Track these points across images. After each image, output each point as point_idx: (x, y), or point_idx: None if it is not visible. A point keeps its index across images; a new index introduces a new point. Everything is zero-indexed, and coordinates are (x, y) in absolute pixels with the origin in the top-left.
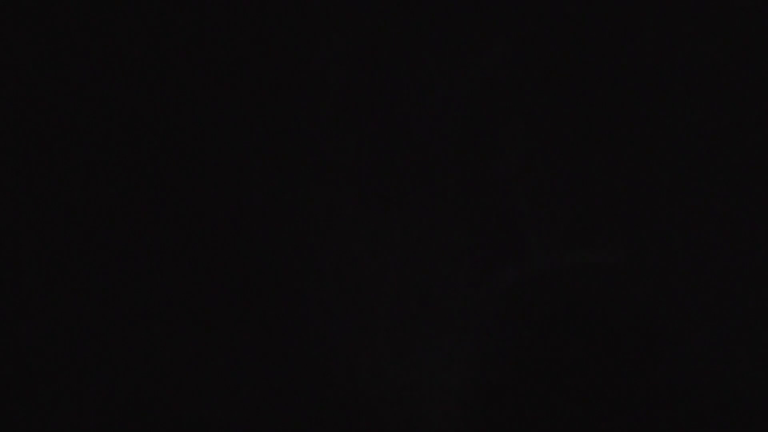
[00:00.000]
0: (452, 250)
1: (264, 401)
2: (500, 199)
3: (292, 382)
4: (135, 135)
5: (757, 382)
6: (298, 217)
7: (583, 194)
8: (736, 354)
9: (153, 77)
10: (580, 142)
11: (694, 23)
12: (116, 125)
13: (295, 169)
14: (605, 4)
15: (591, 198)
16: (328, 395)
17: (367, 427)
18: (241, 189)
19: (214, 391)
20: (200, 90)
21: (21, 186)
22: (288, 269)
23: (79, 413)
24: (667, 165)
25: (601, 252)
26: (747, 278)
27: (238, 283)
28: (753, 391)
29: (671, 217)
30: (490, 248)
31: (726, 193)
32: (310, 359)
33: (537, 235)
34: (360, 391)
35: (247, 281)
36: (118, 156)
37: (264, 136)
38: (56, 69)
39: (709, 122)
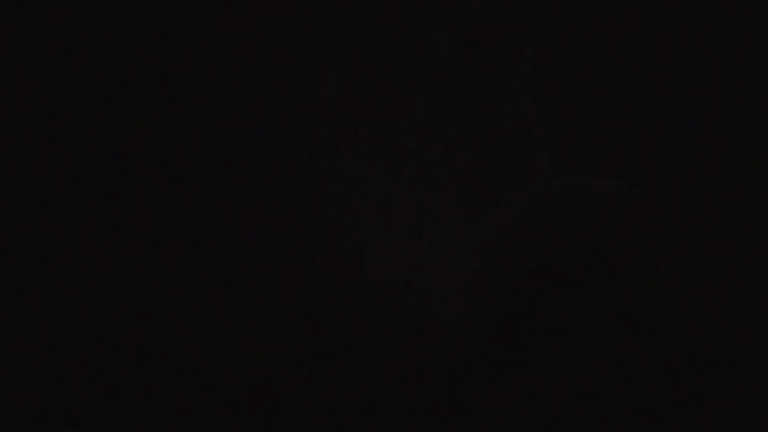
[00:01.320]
0: (460, 173)
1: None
2: (509, 124)
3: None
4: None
5: (750, 312)
6: (306, 147)
7: (589, 120)
8: (733, 283)
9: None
10: (587, 69)
11: None
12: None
13: (303, 104)
14: None
15: (596, 124)
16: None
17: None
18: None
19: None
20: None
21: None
22: (296, 201)
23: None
24: (672, 94)
25: (605, 177)
26: (744, 205)
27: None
28: (745, 321)
29: (673, 143)
30: (497, 171)
31: (729, 126)
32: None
33: (544, 158)
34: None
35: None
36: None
37: (267, 83)
38: (55, 69)
39: (714, 52)
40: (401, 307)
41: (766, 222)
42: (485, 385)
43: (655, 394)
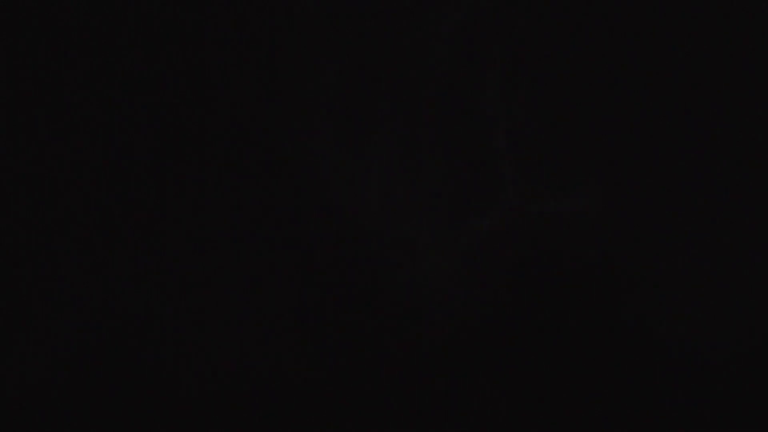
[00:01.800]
0: (431, 193)
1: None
2: (479, 144)
3: None
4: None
5: (721, 333)
6: (284, 155)
7: (562, 142)
8: (703, 304)
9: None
10: (559, 90)
11: None
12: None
13: (280, 105)
14: None
15: (569, 145)
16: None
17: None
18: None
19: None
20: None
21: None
22: (285, 201)
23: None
24: (643, 115)
25: (577, 199)
26: (717, 227)
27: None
28: (714, 341)
29: (646, 166)
30: (469, 192)
31: (701, 146)
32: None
33: (515, 180)
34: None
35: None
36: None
37: (255, 83)
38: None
39: (689, 71)
40: (390, 304)
41: (743, 241)
42: (472, 386)
43: (627, 400)
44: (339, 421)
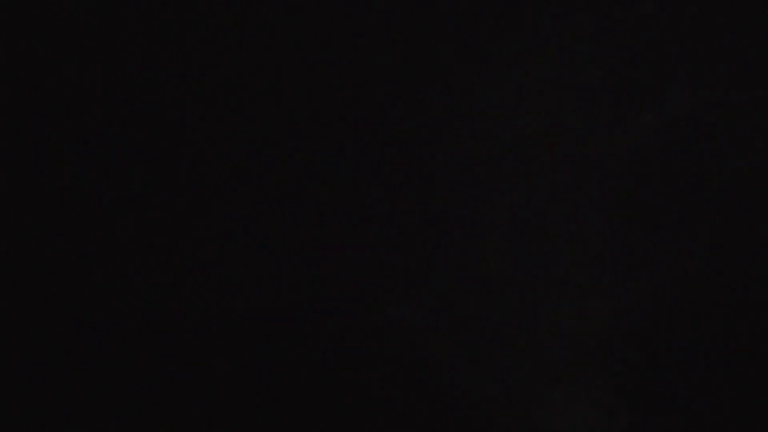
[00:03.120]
0: (589, 90)
1: None
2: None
3: None
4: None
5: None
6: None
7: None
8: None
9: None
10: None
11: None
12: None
13: None
14: None
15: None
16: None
17: None
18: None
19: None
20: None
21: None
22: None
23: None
24: None
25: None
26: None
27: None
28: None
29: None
30: (628, 92)
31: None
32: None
33: (677, 78)
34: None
35: None
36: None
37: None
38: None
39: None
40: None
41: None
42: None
43: None
44: None
